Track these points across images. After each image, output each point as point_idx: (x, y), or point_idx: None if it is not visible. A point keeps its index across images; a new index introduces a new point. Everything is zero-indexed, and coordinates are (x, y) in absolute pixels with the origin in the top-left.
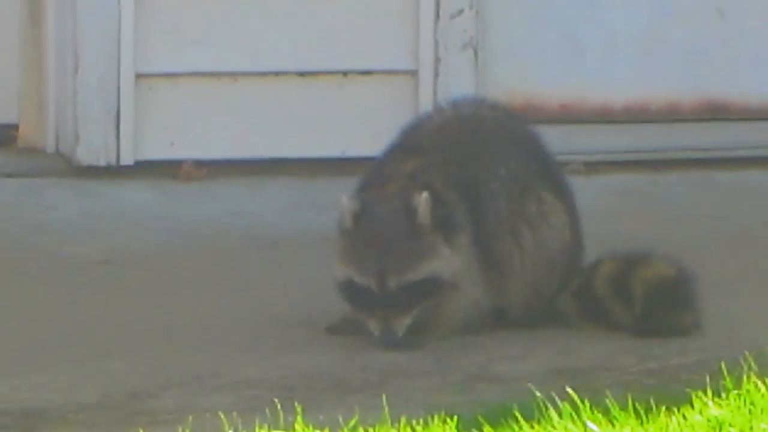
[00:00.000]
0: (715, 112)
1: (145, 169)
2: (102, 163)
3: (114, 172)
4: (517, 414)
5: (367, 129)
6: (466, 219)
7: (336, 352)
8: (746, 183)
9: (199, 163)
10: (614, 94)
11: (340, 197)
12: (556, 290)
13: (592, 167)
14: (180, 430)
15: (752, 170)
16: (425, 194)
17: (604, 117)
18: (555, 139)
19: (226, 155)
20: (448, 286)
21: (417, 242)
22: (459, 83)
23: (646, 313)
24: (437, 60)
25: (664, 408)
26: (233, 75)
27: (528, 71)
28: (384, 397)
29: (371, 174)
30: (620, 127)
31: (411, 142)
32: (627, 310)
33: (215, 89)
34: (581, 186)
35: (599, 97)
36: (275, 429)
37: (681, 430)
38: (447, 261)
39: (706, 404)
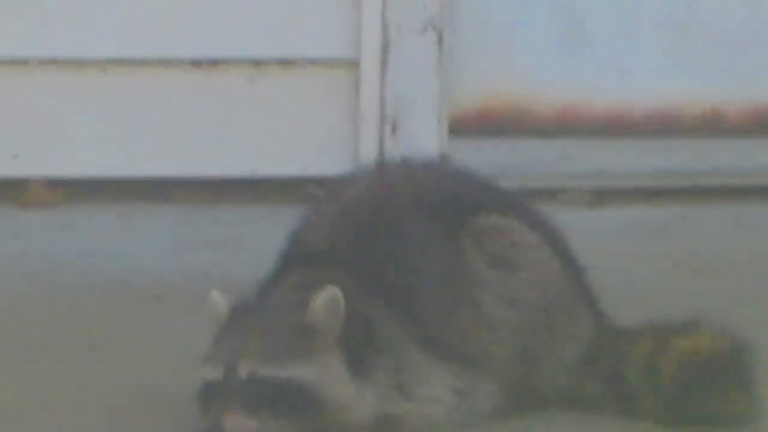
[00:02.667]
0: (766, 123)
1: None
2: None
3: None
4: None
5: (287, 140)
6: (399, 332)
7: None
8: None
9: (54, 183)
10: (632, 97)
11: (211, 291)
12: (567, 354)
13: (600, 196)
14: None
15: None
16: (331, 289)
17: (617, 128)
18: (548, 157)
19: (91, 173)
20: (326, 403)
21: (296, 339)
22: (415, 78)
23: (678, 396)
24: (386, 46)
25: None
26: (100, 63)
27: (514, 64)
28: None
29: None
30: (639, 142)
31: (307, 246)
32: (656, 394)
33: (76, 82)
34: (584, 221)
35: (612, 102)
36: None
37: None
38: (333, 375)
39: None
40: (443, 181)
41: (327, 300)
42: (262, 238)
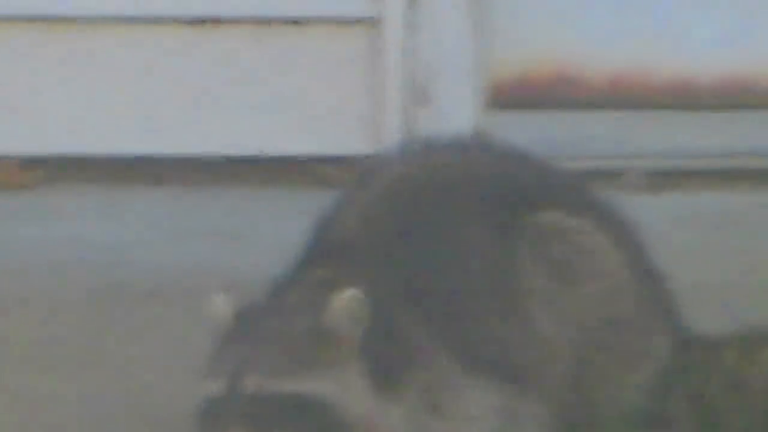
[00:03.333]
0: None
1: None
2: None
3: None
4: None
5: (299, 112)
6: (435, 343)
7: None
8: None
9: (28, 163)
10: (698, 63)
11: (212, 293)
12: (640, 375)
13: (661, 180)
14: None
15: None
16: (353, 291)
17: (682, 99)
18: (600, 134)
19: (72, 150)
20: (345, 422)
21: (310, 347)
22: (447, 40)
23: (766, 419)
24: (412, 2)
25: None
26: (80, 21)
27: (561, 26)
28: None
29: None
30: (708, 115)
31: (333, 239)
32: (743, 414)
33: (52, 44)
34: (643, 208)
35: (675, 69)
36: None
37: None
38: (354, 389)
39: None
40: (496, 165)
41: (348, 301)
42: (271, 227)
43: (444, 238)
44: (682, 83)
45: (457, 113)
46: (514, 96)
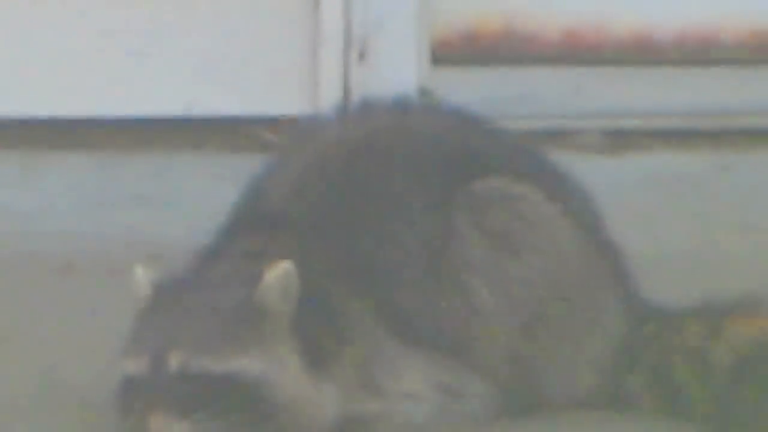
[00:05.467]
0: None
1: None
2: None
3: None
4: None
5: (228, 69)
6: (369, 315)
7: None
8: None
9: None
10: (659, 14)
11: (134, 267)
12: (593, 351)
13: (619, 140)
14: None
15: None
16: (285, 265)
17: (640, 54)
18: (552, 92)
19: None
20: (276, 401)
21: (240, 323)
22: None
23: (728, 396)
24: None
25: None
26: None
27: None
28: None
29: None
30: (668, 71)
31: (264, 206)
32: (706, 391)
33: None
34: (598, 170)
35: (633, 21)
36: None
37: None
38: (285, 367)
39: None
40: (438, 128)
41: (281, 276)
42: (199, 192)
43: (380, 207)
44: (640, 37)
45: (399, 70)
46: (459, 52)
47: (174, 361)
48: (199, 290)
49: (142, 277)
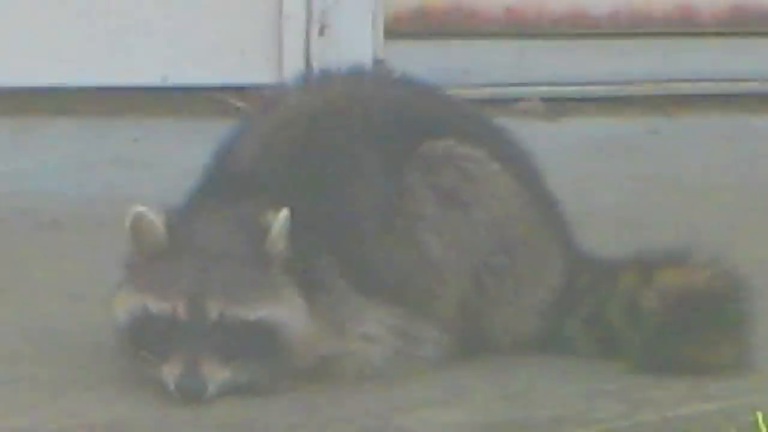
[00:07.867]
0: (752, 24)
1: None
2: None
3: None
4: None
5: (201, 42)
6: (333, 268)
7: (146, 393)
8: None
9: None
10: None
11: (133, 207)
12: (535, 298)
13: (558, 107)
14: None
15: None
16: (285, 212)
17: (577, 28)
18: (497, 62)
19: None
20: (293, 343)
21: (258, 270)
22: None
23: (656, 338)
24: None
25: None
26: None
27: None
28: None
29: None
30: (604, 43)
31: (234, 167)
32: (637, 335)
33: None
34: (539, 135)
35: None
36: None
37: None
38: (298, 312)
39: None
40: (392, 94)
41: (284, 224)
42: (174, 155)
43: (340, 167)
44: (576, 12)
45: (356, 43)
46: (411, 26)
47: (213, 309)
48: (214, 237)
49: (152, 217)
